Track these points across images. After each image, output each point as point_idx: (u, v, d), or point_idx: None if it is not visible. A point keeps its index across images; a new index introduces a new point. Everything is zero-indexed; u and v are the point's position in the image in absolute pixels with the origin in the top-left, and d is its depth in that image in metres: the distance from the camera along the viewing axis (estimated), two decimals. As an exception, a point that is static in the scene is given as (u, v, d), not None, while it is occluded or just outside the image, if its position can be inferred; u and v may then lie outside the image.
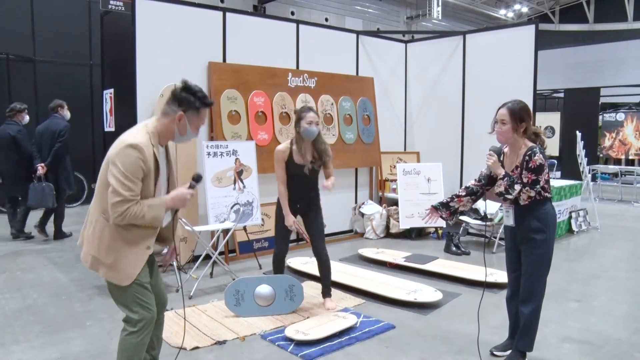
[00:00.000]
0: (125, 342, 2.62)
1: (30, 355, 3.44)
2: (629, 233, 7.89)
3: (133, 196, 2.45)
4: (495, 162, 3.25)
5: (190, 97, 2.60)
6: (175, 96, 2.61)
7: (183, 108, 2.60)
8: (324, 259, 4.32)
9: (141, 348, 2.66)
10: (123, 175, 2.44)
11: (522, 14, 20.83)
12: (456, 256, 6.19)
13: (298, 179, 4.19)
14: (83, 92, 9.98)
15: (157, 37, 5.41)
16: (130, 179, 2.44)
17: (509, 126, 3.18)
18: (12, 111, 7.02)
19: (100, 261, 2.56)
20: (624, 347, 3.67)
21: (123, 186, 2.43)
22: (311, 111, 4.14)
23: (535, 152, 3.12)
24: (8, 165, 6.89)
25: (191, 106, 2.61)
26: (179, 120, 2.60)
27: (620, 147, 15.11)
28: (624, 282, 5.25)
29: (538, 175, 3.10)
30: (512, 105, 3.20)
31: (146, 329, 2.63)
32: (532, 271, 3.23)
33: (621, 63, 16.70)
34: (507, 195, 3.18)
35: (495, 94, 6.89)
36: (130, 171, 2.44)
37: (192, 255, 5.60)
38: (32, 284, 4.98)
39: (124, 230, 2.52)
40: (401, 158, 7.92)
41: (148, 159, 2.48)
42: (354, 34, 7.59)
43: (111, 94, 6.08)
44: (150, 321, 2.64)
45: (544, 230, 3.17)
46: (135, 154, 2.45)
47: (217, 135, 5.78)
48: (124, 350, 2.63)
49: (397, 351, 3.56)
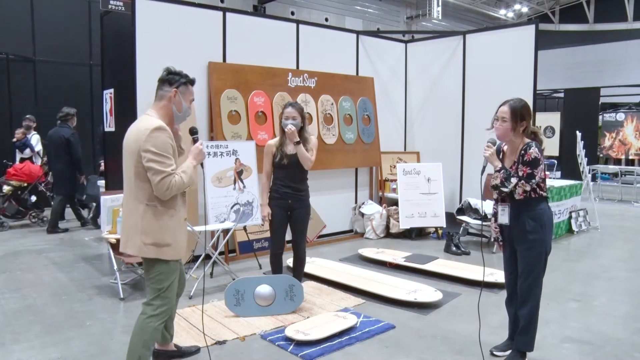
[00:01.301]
0: (144, 325, 2.86)
1: (30, 355, 3.43)
2: (629, 233, 7.89)
3: (173, 170, 2.77)
4: (493, 153, 3.26)
5: (176, 76, 2.97)
6: (164, 79, 2.97)
7: (175, 86, 2.94)
8: (301, 256, 4.50)
9: (157, 334, 2.91)
10: (159, 156, 2.74)
11: (522, 14, 20.83)
12: (456, 256, 6.19)
13: (288, 171, 4.31)
14: (83, 92, 10.00)
15: (157, 37, 5.41)
16: (165, 157, 2.76)
17: (509, 124, 3.18)
18: (67, 115, 7.65)
19: (159, 244, 2.84)
20: (624, 347, 3.66)
21: (162, 164, 2.74)
22: (289, 106, 4.32)
23: (531, 145, 3.14)
24: (59, 165, 7.54)
25: (180, 82, 2.96)
26: (174, 96, 2.94)
27: (620, 147, 15.11)
28: (624, 282, 5.25)
29: (533, 168, 3.10)
30: (514, 103, 3.21)
31: (166, 315, 2.92)
32: (529, 272, 3.22)
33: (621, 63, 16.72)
34: (502, 189, 3.18)
35: (495, 94, 6.86)
36: (163, 149, 2.76)
37: (192, 255, 5.60)
38: (32, 284, 4.98)
39: (169, 208, 2.85)
40: (401, 158, 7.92)
41: (172, 138, 2.84)
42: (354, 33, 7.59)
43: (111, 94, 6.08)
44: (169, 310, 2.95)
45: (538, 230, 3.17)
46: (164, 134, 2.79)
47: (217, 135, 5.78)
48: (141, 334, 2.86)
49: (397, 351, 3.56)
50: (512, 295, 3.45)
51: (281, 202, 4.31)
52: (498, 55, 6.94)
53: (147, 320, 2.85)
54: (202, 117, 5.78)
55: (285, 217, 4.36)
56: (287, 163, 4.27)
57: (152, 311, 2.86)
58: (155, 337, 2.92)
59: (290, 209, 4.35)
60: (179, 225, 2.93)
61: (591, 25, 19.51)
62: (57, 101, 9.59)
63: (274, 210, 4.33)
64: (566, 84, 16.70)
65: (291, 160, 4.27)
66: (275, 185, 4.36)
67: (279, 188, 4.32)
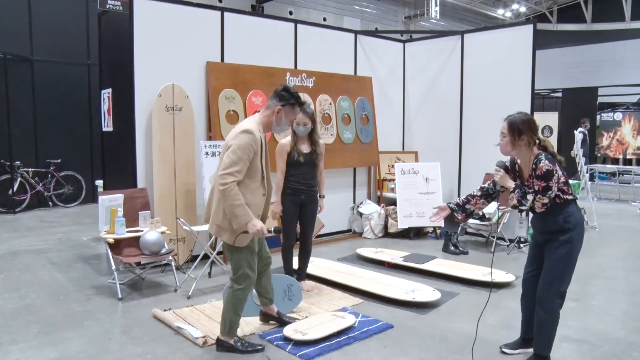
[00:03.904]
0: (232, 296, 3.40)
1: (29, 355, 3.43)
2: (627, 232, 7.90)
3: (237, 173, 3.19)
4: (503, 176, 3.24)
5: (287, 95, 3.40)
6: (277, 94, 3.42)
7: (282, 103, 3.40)
8: (308, 249, 4.83)
9: (244, 301, 3.46)
10: (235, 154, 3.21)
11: (520, 13, 20.83)
12: (454, 256, 6.19)
13: (304, 169, 4.61)
14: (81, 92, 9.97)
15: (155, 36, 5.40)
16: (240, 157, 3.21)
17: (508, 139, 3.18)
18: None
19: (224, 228, 3.31)
20: (621, 346, 3.67)
21: (233, 163, 3.20)
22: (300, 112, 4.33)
23: (540, 159, 3.08)
24: None
25: (288, 102, 3.40)
26: (277, 113, 3.40)
27: (617, 147, 15.14)
28: (622, 282, 5.26)
29: (548, 181, 3.05)
30: (512, 118, 3.18)
31: (250, 286, 3.44)
32: (551, 271, 3.17)
33: (619, 63, 16.75)
34: (521, 207, 3.17)
35: (493, 94, 6.93)
36: (242, 150, 3.21)
37: (190, 255, 5.60)
38: (30, 284, 4.97)
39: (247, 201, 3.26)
40: (399, 157, 7.92)
41: (257, 142, 3.28)
42: (352, 33, 7.59)
43: (109, 94, 6.07)
44: (253, 281, 3.45)
45: (567, 230, 3.12)
46: (248, 137, 3.25)
47: (215, 135, 5.77)
48: (232, 303, 3.41)
49: (395, 351, 3.56)
50: (527, 294, 3.44)
51: (295, 197, 4.62)
52: (496, 55, 6.94)
53: (236, 293, 3.39)
54: (200, 117, 5.78)
55: (296, 211, 4.68)
56: (304, 161, 4.58)
57: (238, 285, 3.39)
58: (243, 303, 3.44)
59: (301, 204, 4.67)
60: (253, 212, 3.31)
61: (589, 25, 19.52)
62: (54, 101, 9.60)
63: (288, 205, 4.63)
64: (564, 83, 16.71)
65: (306, 159, 4.60)
66: (289, 183, 4.63)
67: (293, 185, 4.62)
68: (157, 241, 4.74)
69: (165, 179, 5.40)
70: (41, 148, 9.49)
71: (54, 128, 9.60)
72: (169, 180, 5.43)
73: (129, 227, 4.85)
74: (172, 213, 5.39)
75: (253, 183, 3.34)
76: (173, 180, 5.45)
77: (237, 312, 3.45)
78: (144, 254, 4.74)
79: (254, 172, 3.34)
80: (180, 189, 5.50)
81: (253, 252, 3.42)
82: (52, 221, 8.29)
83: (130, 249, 4.84)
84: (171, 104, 5.43)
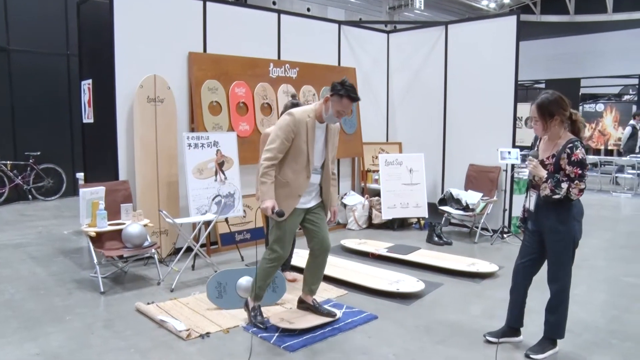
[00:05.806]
0: (263, 265, 3.69)
1: (8, 351, 3.37)
2: (609, 222, 8.01)
3: (273, 150, 3.48)
4: (536, 165, 3.23)
5: (338, 86, 3.50)
6: (332, 84, 3.55)
7: (331, 93, 3.52)
8: None
9: (272, 274, 3.76)
10: (275, 134, 3.52)
11: (504, 4, 20.90)
12: (438, 246, 6.23)
13: None
14: (60, 82, 9.77)
15: (136, 26, 5.31)
16: (278, 136, 3.49)
17: (540, 124, 3.18)
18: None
19: None
20: (601, 334, 3.73)
21: (271, 141, 3.52)
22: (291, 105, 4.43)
23: (577, 145, 3.11)
24: None
25: (337, 92, 3.50)
26: (325, 102, 3.56)
27: (599, 138, 15.33)
28: (603, 271, 5.32)
29: (583, 168, 3.09)
30: (540, 101, 3.17)
31: (278, 261, 3.68)
32: (556, 258, 3.30)
33: (601, 54, 16.89)
34: (554, 197, 3.13)
35: (477, 84, 6.95)
36: (281, 130, 3.50)
37: (173, 247, 5.55)
38: (9, 279, 4.89)
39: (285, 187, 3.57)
40: (383, 149, 7.92)
41: (298, 123, 3.50)
42: (336, 24, 7.55)
43: (89, 85, 5.96)
44: (281, 258, 3.68)
45: (566, 221, 3.18)
46: (288, 118, 3.52)
47: (198, 126, 5.71)
48: (262, 272, 3.70)
49: (380, 341, 3.57)
50: (518, 284, 3.48)
51: None
52: (480, 46, 6.95)
53: (265, 265, 3.68)
54: (182, 108, 5.71)
55: None
56: None
57: (268, 256, 3.68)
58: (271, 275, 3.75)
59: None
60: (289, 199, 3.58)
61: (572, 16, 19.65)
62: (33, 92, 9.41)
63: None
64: (547, 74, 16.83)
65: None
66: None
67: None
68: (140, 234, 4.68)
69: (148, 171, 5.33)
70: (19, 140, 9.31)
71: (32, 120, 9.42)
72: (151, 173, 5.36)
73: (110, 220, 4.78)
74: (155, 205, 5.33)
75: (297, 164, 3.57)
76: (155, 173, 5.39)
77: (264, 279, 3.72)
78: (126, 247, 4.69)
79: (298, 153, 3.55)
80: (162, 181, 5.44)
81: (286, 231, 3.63)
82: (31, 215, 8.16)
83: (112, 242, 4.78)
84: (153, 95, 5.35)
